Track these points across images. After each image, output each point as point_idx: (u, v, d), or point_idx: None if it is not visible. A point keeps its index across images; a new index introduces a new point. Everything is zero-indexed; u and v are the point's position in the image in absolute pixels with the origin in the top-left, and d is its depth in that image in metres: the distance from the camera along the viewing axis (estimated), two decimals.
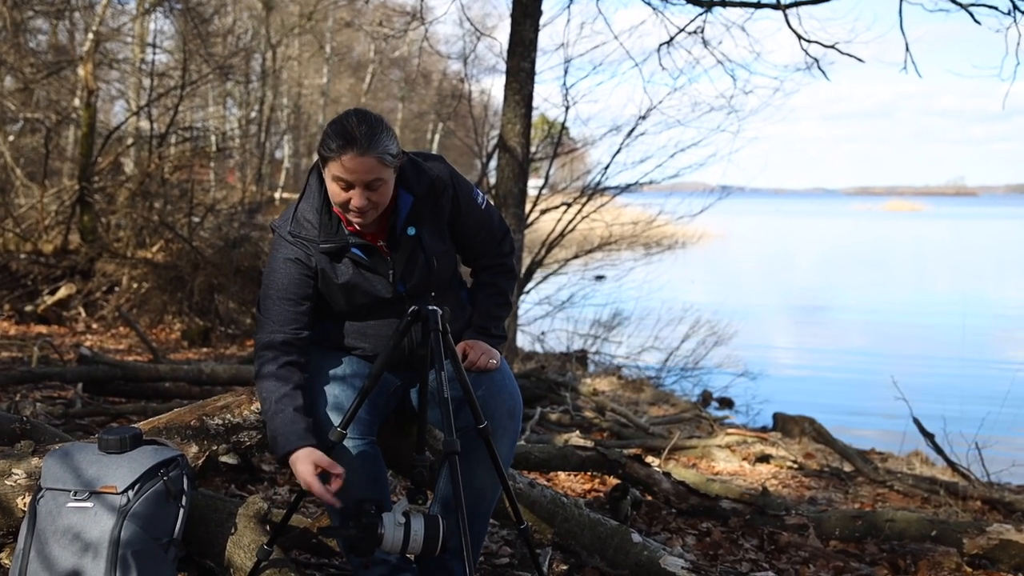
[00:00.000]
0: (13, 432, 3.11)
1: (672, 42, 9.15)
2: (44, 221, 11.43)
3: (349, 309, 2.79)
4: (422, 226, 2.78)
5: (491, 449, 2.67)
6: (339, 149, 2.56)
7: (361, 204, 2.60)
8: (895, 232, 61.34)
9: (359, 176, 2.57)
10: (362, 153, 2.55)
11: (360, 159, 2.55)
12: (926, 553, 4.06)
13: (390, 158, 2.60)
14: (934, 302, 22.42)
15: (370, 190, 2.60)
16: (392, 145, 2.61)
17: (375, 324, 2.81)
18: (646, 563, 3.35)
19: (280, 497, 4.22)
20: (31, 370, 5.98)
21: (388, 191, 2.66)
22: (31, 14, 13.43)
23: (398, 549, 2.54)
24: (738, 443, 6.30)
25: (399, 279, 2.77)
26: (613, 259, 13.84)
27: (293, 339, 2.71)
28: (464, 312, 2.97)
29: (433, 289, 2.82)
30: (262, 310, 2.75)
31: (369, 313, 2.81)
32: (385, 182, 2.62)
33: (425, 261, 2.78)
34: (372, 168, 2.57)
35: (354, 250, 2.72)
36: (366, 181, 2.58)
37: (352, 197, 2.60)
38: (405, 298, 2.76)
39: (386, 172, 2.61)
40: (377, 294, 2.76)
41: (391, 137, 2.62)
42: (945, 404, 7.64)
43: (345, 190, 2.60)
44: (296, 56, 25.82)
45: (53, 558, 2.41)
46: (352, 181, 2.58)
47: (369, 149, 2.55)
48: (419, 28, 10.45)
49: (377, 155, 2.56)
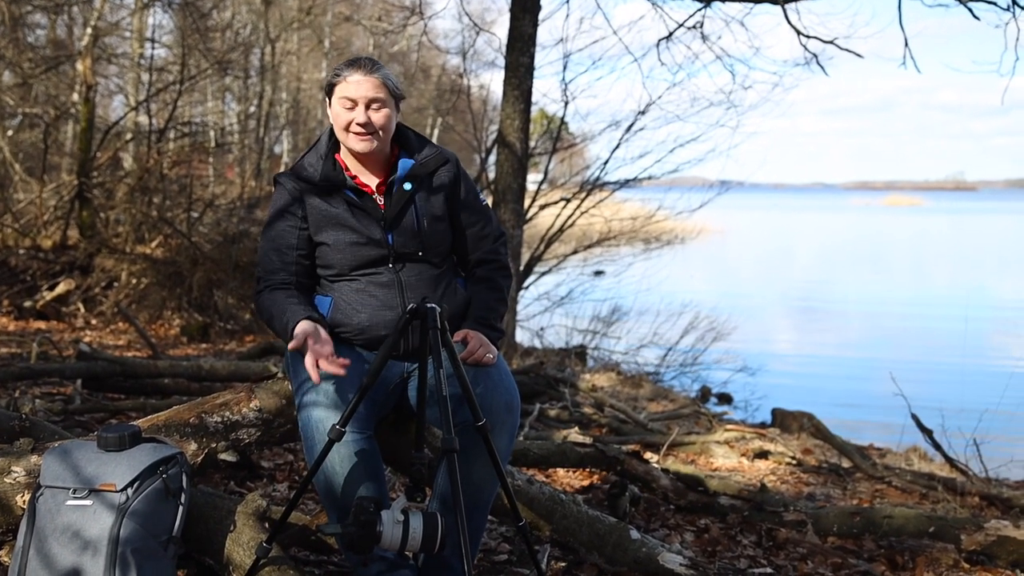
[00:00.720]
0: (12, 429, 3.12)
1: (671, 37, 9.17)
2: (43, 216, 11.43)
3: (340, 258, 2.90)
4: (419, 188, 2.96)
5: (489, 446, 2.68)
6: (346, 69, 2.87)
7: (364, 120, 2.83)
8: (894, 227, 61.34)
9: (363, 92, 2.83)
10: (367, 73, 2.84)
11: (365, 77, 2.84)
12: (924, 549, 4.07)
13: (392, 84, 2.88)
14: (933, 298, 22.43)
15: (373, 111, 2.84)
16: (394, 77, 2.90)
17: (369, 294, 2.90)
18: (644, 560, 3.36)
19: (279, 494, 4.22)
20: (30, 366, 5.98)
21: (390, 119, 2.89)
22: (29, 9, 13.41)
23: (397, 546, 2.54)
24: (737, 439, 6.30)
25: (389, 228, 2.91)
26: (612, 254, 13.84)
27: (285, 278, 2.93)
28: (459, 297, 3.03)
29: (421, 250, 2.93)
30: (259, 260, 3.02)
31: (362, 265, 2.90)
32: (386, 107, 2.87)
33: (416, 218, 2.93)
34: (375, 86, 2.84)
35: (348, 192, 2.91)
36: (369, 98, 2.83)
37: (356, 114, 2.83)
38: (392, 252, 2.90)
39: (387, 97, 2.87)
40: (366, 233, 2.89)
41: (394, 75, 2.92)
42: (944, 400, 7.64)
43: (350, 110, 2.84)
44: (295, 51, 25.76)
45: (52, 556, 2.41)
46: (356, 99, 2.83)
47: (373, 71, 2.85)
48: (418, 23, 10.45)
49: (380, 76, 2.85)
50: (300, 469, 4.64)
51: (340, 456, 2.71)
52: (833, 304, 21.37)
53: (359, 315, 2.89)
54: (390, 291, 2.89)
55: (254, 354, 7.51)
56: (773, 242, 45.93)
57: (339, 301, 2.92)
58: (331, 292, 2.95)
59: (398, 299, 2.89)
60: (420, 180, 2.95)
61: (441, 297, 2.94)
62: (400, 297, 2.89)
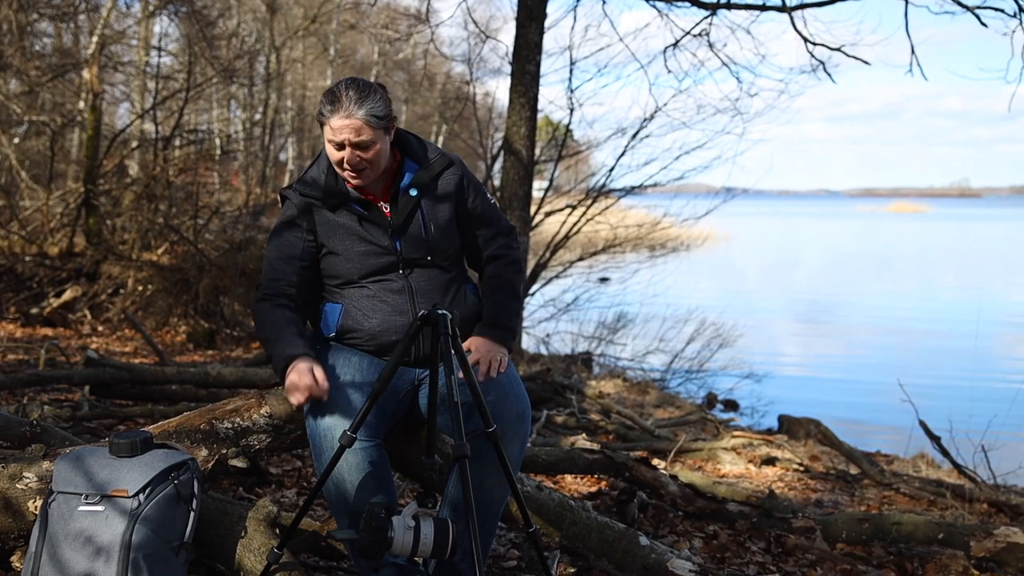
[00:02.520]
0: (24, 436, 3.13)
1: (678, 45, 9.17)
2: (49, 224, 11.46)
3: (349, 267, 2.90)
4: (424, 194, 2.95)
5: (500, 453, 2.68)
6: (328, 112, 2.78)
7: (352, 161, 2.79)
8: (900, 234, 61.25)
9: (347, 136, 2.76)
10: (348, 115, 2.75)
11: (346, 120, 2.75)
12: (933, 556, 4.05)
13: (376, 120, 2.77)
14: (940, 304, 22.38)
15: (360, 150, 2.79)
16: (379, 108, 2.78)
17: (380, 301, 2.90)
18: (654, 566, 3.35)
19: (288, 500, 4.23)
20: (38, 373, 5.98)
21: (381, 152, 2.84)
22: (36, 17, 13.46)
23: (408, 552, 2.54)
24: (744, 445, 6.29)
25: (396, 235, 2.90)
26: (618, 261, 13.81)
27: (284, 288, 2.91)
28: (469, 304, 3.02)
29: (429, 255, 2.93)
30: (264, 267, 2.99)
31: (372, 272, 2.90)
32: (375, 143, 2.80)
33: (422, 223, 2.93)
34: (358, 129, 2.76)
35: (354, 205, 2.90)
36: (354, 141, 2.77)
37: (345, 156, 2.79)
38: (401, 259, 2.90)
39: (375, 134, 2.79)
40: (374, 241, 2.89)
41: (379, 101, 2.79)
42: (952, 407, 7.62)
43: (338, 150, 2.80)
44: (300, 58, 25.83)
45: (65, 561, 2.42)
46: (341, 141, 2.77)
47: (355, 111, 2.75)
48: (423, 31, 10.48)
49: (362, 117, 2.75)
50: (308, 475, 4.64)
51: (349, 463, 2.71)
52: (839, 311, 21.33)
53: (370, 320, 2.89)
54: (400, 296, 2.90)
55: (261, 360, 7.51)
56: (778, 249, 45.88)
57: (349, 307, 2.92)
58: (341, 299, 2.95)
59: (408, 304, 2.90)
60: (425, 186, 2.95)
61: (451, 302, 2.94)
62: (410, 302, 2.90)
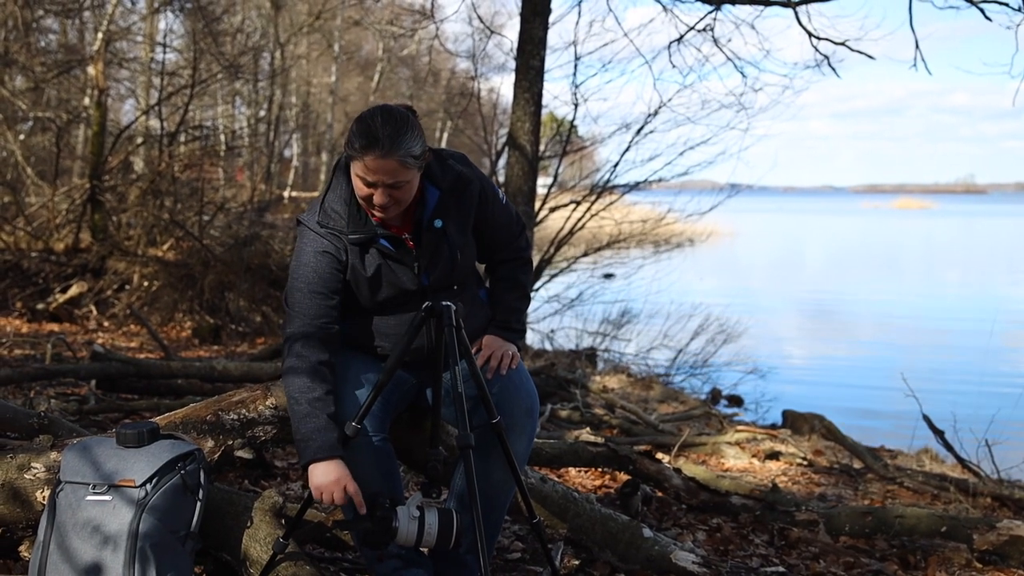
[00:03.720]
0: (31, 427, 3.15)
1: (682, 40, 9.15)
2: (55, 220, 11.49)
3: (373, 303, 2.78)
4: (448, 220, 2.78)
5: (505, 445, 2.69)
6: (362, 150, 2.56)
7: (383, 202, 2.61)
8: (905, 230, 61.14)
9: (380, 177, 2.57)
10: (384, 156, 2.54)
11: (381, 161, 2.55)
12: (936, 549, 4.07)
13: (412, 160, 2.59)
14: (945, 301, 22.36)
15: (393, 189, 2.60)
16: (416, 146, 2.59)
17: (395, 323, 2.80)
18: (657, 558, 3.37)
19: (293, 493, 4.25)
20: (45, 367, 6.02)
21: (412, 190, 2.66)
22: (41, 13, 13.49)
23: (412, 542, 2.56)
24: (748, 440, 6.30)
25: (424, 271, 2.76)
26: (622, 257, 13.82)
27: (324, 334, 2.69)
28: (482, 311, 2.98)
29: (455, 282, 2.82)
30: (291, 303, 2.73)
31: (393, 308, 2.79)
32: (408, 182, 2.62)
33: (450, 254, 2.78)
34: (394, 170, 2.57)
35: (382, 241, 2.72)
36: (388, 183, 2.58)
37: (375, 195, 2.61)
38: (428, 291, 2.76)
39: (409, 173, 2.61)
40: (402, 286, 2.75)
41: (416, 137, 2.60)
42: (956, 402, 7.62)
43: (368, 187, 2.61)
44: (305, 55, 25.86)
45: (73, 550, 2.44)
46: (374, 181, 2.58)
47: (391, 152, 2.55)
48: (428, 27, 10.49)
49: (399, 158, 2.56)
50: None
51: (354, 455, 2.72)
52: (844, 307, 21.32)
53: (383, 341, 2.83)
54: None
55: (266, 355, 7.54)
56: (783, 245, 45.85)
57: (364, 324, 2.83)
58: (354, 318, 2.84)
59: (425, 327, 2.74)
60: (447, 211, 2.78)
61: (466, 316, 2.76)
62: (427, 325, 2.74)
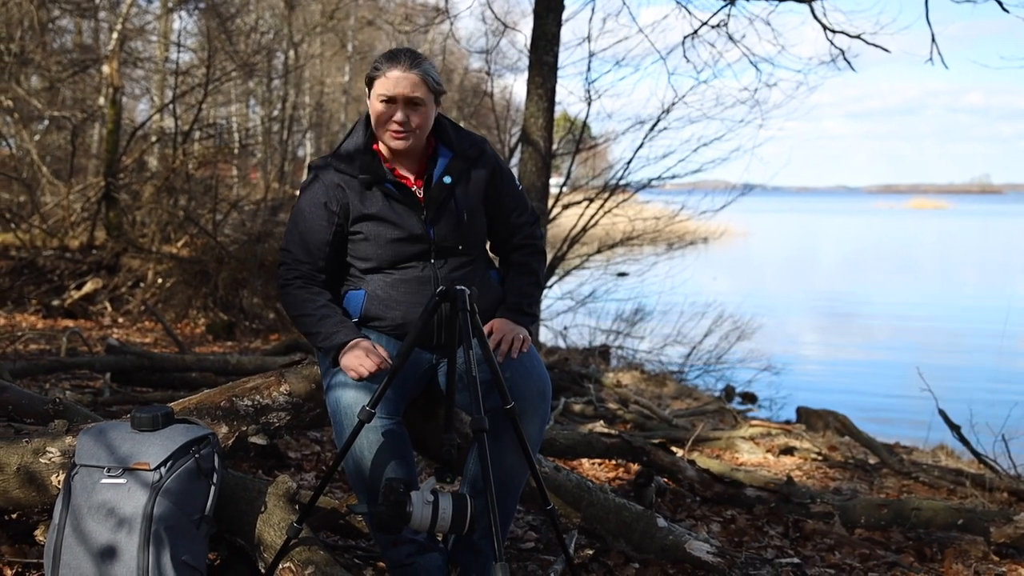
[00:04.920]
0: (46, 413, 3.16)
1: (697, 34, 9.12)
2: (70, 217, 11.55)
3: (379, 252, 2.85)
4: (457, 180, 2.91)
5: (518, 429, 2.68)
6: (387, 62, 2.79)
7: (401, 119, 2.78)
8: (919, 230, 60.82)
9: (402, 90, 2.77)
10: (406, 69, 2.77)
11: (404, 74, 2.77)
12: (952, 541, 4.04)
13: (432, 81, 2.81)
14: (960, 300, 22.23)
15: (411, 108, 2.78)
16: (434, 73, 2.83)
17: (404, 290, 2.85)
18: (671, 547, 3.36)
19: (306, 482, 4.25)
20: (60, 359, 6.04)
21: (427, 118, 2.83)
22: (57, 13, 13.56)
23: (426, 527, 2.55)
24: (762, 435, 6.28)
25: (430, 223, 2.86)
26: (635, 254, 13.79)
27: (314, 272, 2.88)
28: (493, 291, 3.00)
29: (461, 243, 2.88)
30: (285, 245, 2.92)
31: (402, 258, 2.85)
32: (425, 105, 2.81)
33: (456, 211, 2.89)
34: (415, 84, 2.77)
35: (388, 185, 2.85)
36: (408, 97, 2.77)
37: (394, 113, 2.78)
38: (433, 248, 2.85)
39: (427, 95, 2.80)
40: (409, 229, 2.84)
41: (434, 69, 2.84)
42: (971, 398, 7.57)
43: (388, 105, 2.78)
44: (318, 54, 25.89)
45: (88, 533, 2.44)
46: (395, 95, 2.77)
47: (413, 66, 2.78)
48: (440, 26, 10.48)
49: (420, 72, 2.78)
50: (327, 459, 4.67)
51: (369, 439, 2.73)
52: (858, 306, 21.22)
53: (394, 311, 2.85)
54: (426, 286, 2.84)
55: (279, 351, 7.55)
56: (796, 244, 45.69)
57: (372, 295, 2.87)
58: (363, 286, 2.89)
59: None
60: (459, 173, 2.90)
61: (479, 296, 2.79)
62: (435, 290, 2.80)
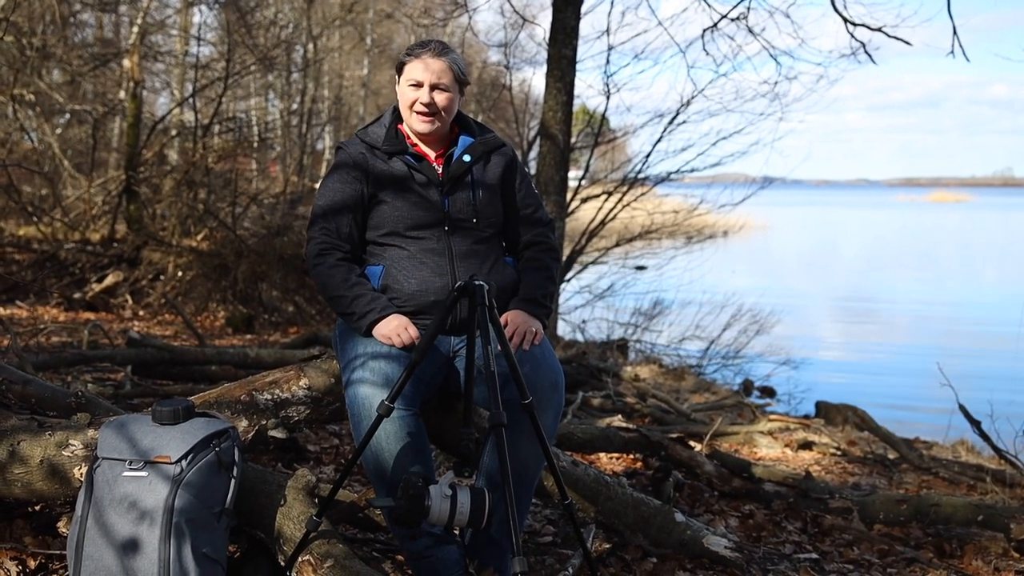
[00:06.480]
0: (69, 406, 3.19)
1: (716, 28, 9.08)
2: (91, 211, 11.65)
3: (396, 216, 2.98)
4: (476, 161, 3.08)
5: (536, 424, 2.69)
6: (418, 48, 3.02)
7: (427, 100, 2.97)
8: (941, 223, 60.36)
9: (430, 74, 2.98)
10: (435, 55, 2.99)
11: (433, 59, 2.99)
12: (972, 538, 4.02)
13: (458, 70, 3.02)
14: (981, 294, 22.07)
15: (437, 92, 2.98)
16: (461, 62, 3.05)
17: (420, 261, 2.95)
18: (689, 542, 3.36)
19: (326, 476, 4.27)
20: (82, 352, 6.10)
21: (452, 104, 3.03)
22: (78, 8, 13.65)
23: (444, 521, 2.56)
24: (780, 430, 6.26)
25: (446, 195, 3.01)
26: (654, 248, 13.74)
27: (339, 243, 3.00)
28: (507, 274, 3.07)
29: (476, 217, 3.01)
30: (311, 222, 3.06)
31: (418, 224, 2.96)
32: (450, 91, 3.01)
33: (472, 186, 3.05)
34: (442, 71, 2.99)
35: (408, 157, 3.03)
36: (435, 82, 2.98)
37: (420, 96, 2.97)
38: (448, 219, 2.98)
39: (452, 82, 3.01)
40: (427, 196, 2.99)
41: (461, 60, 3.06)
42: (992, 393, 7.51)
43: (417, 89, 2.98)
44: (337, 48, 25.93)
45: (110, 525, 2.47)
46: (423, 80, 2.97)
47: (441, 54, 3.00)
48: (459, 20, 10.48)
49: (448, 60, 3.00)
50: (346, 452, 4.69)
51: (387, 433, 2.74)
52: (878, 300, 21.09)
53: (409, 281, 2.94)
54: (441, 258, 2.95)
55: (298, 344, 7.59)
56: (817, 238, 45.44)
57: (390, 268, 2.97)
58: (382, 260, 3.00)
59: (448, 267, 2.94)
60: (478, 156, 3.08)
61: (489, 271, 2.99)
62: (450, 265, 2.94)
